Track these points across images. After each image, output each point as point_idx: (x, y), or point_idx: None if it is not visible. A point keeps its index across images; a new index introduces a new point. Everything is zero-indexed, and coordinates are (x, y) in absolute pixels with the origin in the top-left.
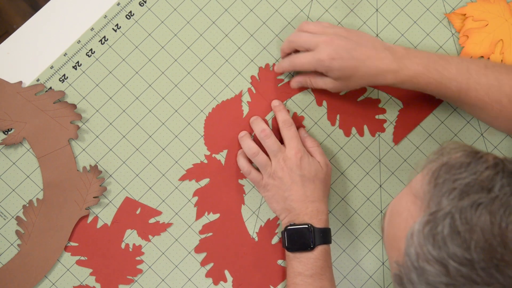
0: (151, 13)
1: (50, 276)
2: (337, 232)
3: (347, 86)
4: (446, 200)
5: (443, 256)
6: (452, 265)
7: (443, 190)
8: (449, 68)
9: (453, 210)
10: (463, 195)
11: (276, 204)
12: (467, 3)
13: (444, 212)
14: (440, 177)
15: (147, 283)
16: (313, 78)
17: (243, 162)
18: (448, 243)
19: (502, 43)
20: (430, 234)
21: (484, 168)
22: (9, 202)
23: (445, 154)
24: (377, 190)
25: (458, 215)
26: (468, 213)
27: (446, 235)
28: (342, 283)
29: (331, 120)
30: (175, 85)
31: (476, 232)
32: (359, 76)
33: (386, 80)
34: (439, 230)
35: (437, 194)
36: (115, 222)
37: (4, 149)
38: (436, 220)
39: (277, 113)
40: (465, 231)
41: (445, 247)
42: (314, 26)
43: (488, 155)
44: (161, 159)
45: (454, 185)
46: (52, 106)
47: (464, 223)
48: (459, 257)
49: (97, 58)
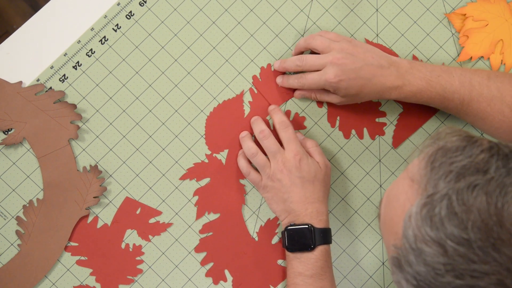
0: (151, 13)
1: (50, 276)
2: (337, 232)
3: (352, 101)
4: (443, 183)
5: (441, 236)
6: (450, 245)
7: (440, 173)
8: (452, 81)
9: (450, 192)
10: (460, 177)
11: (275, 205)
12: (467, 3)
13: (441, 194)
14: (436, 160)
15: (147, 283)
16: (319, 94)
17: (242, 162)
18: (446, 224)
19: (502, 43)
20: (428, 215)
21: (479, 151)
22: (9, 202)
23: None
24: (377, 190)
25: (455, 197)
26: (465, 194)
27: (444, 216)
28: (342, 283)
29: (331, 122)
30: (175, 85)
31: (472, 212)
32: (365, 93)
33: (390, 96)
34: (437, 211)
35: (434, 177)
36: (115, 222)
37: (4, 149)
38: (433, 202)
39: (273, 115)
40: (462, 211)
41: (443, 228)
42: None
43: (483, 139)
44: (161, 159)
45: (450, 168)
46: (52, 106)
47: (461, 204)
48: (456, 237)
49: (97, 58)
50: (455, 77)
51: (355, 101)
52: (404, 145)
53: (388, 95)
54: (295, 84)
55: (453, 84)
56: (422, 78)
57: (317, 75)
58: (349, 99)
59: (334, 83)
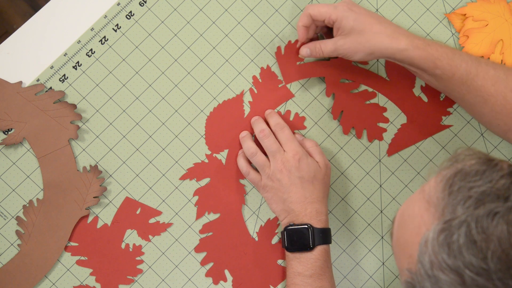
0: (151, 13)
1: (50, 276)
2: (337, 232)
3: (358, 43)
4: (462, 209)
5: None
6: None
7: (458, 198)
8: (460, 52)
9: (469, 218)
10: (479, 203)
11: (275, 205)
12: (467, 3)
13: (460, 220)
14: (454, 184)
15: (147, 283)
16: (322, 42)
17: (242, 162)
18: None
19: (502, 43)
20: (445, 242)
21: (499, 177)
22: (9, 202)
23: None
24: (377, 190)
25: (474, 224)
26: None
27: (462, 244)
28: (342, 283)
29: (334, 113)
30: (175, 85)
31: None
32: (372, 33)
33: (399, 43)
34: (455, 238)
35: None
36: (115, 222)
37: (4, 149)
38: (451, 228)
39: (269, 118)
40: (481, 240)
41: (461, 256)
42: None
43: (503, 163)
44: (161, 159)
45: (469, 193)
46: (52, 106)
47: (480, 232)
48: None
49: (97, 58)
50: (462, 51)
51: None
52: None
53: (397, 42)
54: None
55: (462, 54)
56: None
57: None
58: (354, 40)
59: (343, 9)
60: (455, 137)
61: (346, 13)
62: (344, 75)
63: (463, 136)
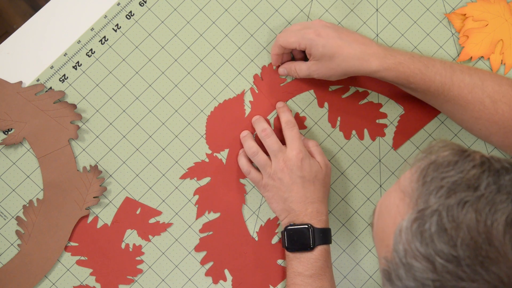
0: (151, 13)
1: (50, 276)
2: (337, 232)
3: (329, 69)
4: (434, 198)
5: (430, 252)
6: (439, 262)
7: (431, 188)
8: (434, 63)
9: (440, 208)
10: (450, 193)
11: (276, 205)
12: (467, 3)
13: (432, 209)
14: (428, 175)
15: (147, 283)
16: (297, 64)
17: (243, 161)
18: (435, 240)
19: (502, 43)
20: (418, 231)
21: (471, 167)
22: (9, 202)
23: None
24: (377, 190)
25: (445, 213)
26: (455, 211)
27: (434, 232)
28: (342, 283)
29: (331, 122)
30: (175, 85)
31: (462, 230)
32: (342, 57)
33: (370, 66)
34: (427, 227)
35: (425, 192)
36: (115, 222)
37: (4, 149)
38: (424, 218)
39: (281, 114)
40: (451, 228)
41: (432, 244)
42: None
43: (476, 154)
44: (161, 159)
45: (441, 183)
46: (52, 106)
47: (450, 221)
48: (445, 254)
49: (97, 58)
50: (436, 61)
51: (333, 70)
52: (405, 146)
53: (368, 64)
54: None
55: (435, 65)
56: (403, 54)
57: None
58: (326, 64)
59: (312, 36)
60: (455, 137)
61: (314, 41)
62: (331, 83)
63: (463, 136)
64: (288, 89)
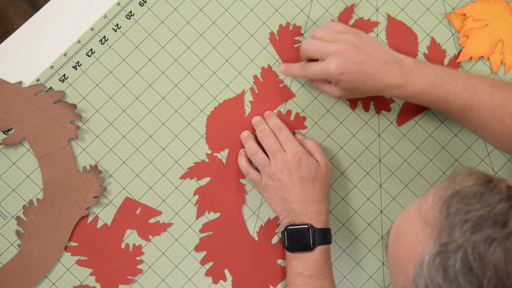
0: (151, 13)
1: (50, 276)
2: (337, 232)
3: (352, 96)
4: (459, 232)
5: None
6: None
7: (455, 221)
8: (456, 85)
9: (466, 243)
10: (476, 228)
11: (275, 205)
12: (467, 3)
13: (456, 244)
14: (452, 206)
15: (147, 283)
16: (321, 84)
17: (243, 161)
18: (460, 278)
19: (502, 43)
20: (441, 266)
21: (497, 200)
22: (9, 202)
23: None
24: (377, 190)
25: (470, 250)
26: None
27: (458, 269)
28: (342, 283)
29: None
30: (175, 85)
31: (489, 269)
32: (365, 88)
33: (391, 94)
34: (451, 263)
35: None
36: (115, 222)
37: (4, 149)
38: (447, 252)
39: (268, 120)
40: (477, 267)
41: (456, 282)
42: (326, 33)
43: (502, 184)
44: (161, 159)
45: (467, 216)
46: (52, 106)
47: (477, 259)
48: None
49: (97, 58)
50: (459, 81)
51: (356, 96)
52: (404, 145)
53: (389, 92)
54: (297, 73)
55: (456, 88)
56: (425, 79)
57: (319, 65)
58: (350, 93)
59: (336, 75)
60: (455, 137)
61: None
62: None
63: (463, 137)
64: (287, 90)
